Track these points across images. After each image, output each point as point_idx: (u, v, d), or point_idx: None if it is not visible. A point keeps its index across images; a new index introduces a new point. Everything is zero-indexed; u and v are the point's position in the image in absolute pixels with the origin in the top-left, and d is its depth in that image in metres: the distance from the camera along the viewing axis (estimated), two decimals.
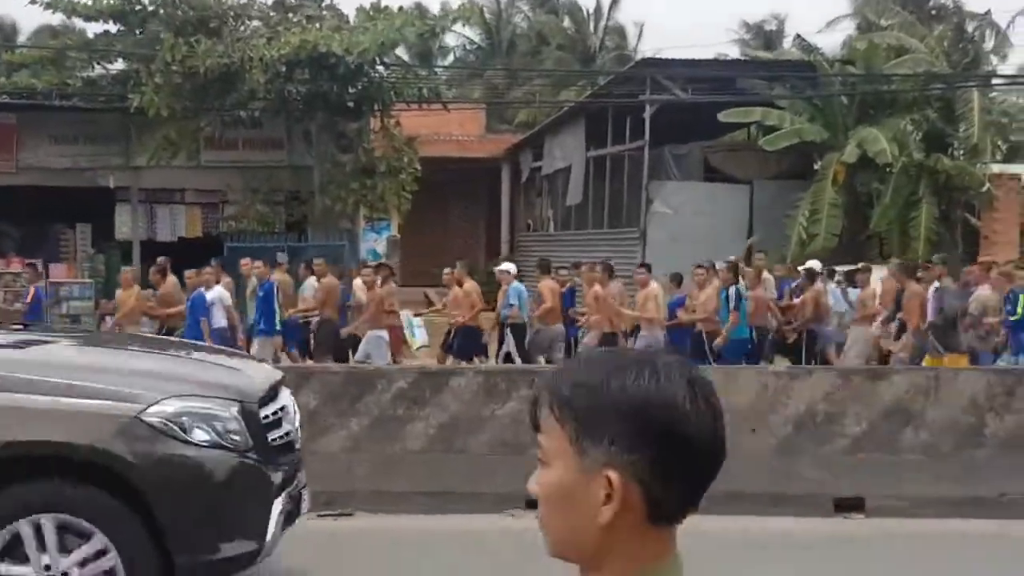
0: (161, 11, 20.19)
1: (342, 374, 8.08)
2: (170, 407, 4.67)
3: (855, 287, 14.50)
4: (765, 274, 15.13)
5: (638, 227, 21.84)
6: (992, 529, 6.90)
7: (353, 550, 6.70)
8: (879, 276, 14.76)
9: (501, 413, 7.58)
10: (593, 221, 24.70)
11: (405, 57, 30.34)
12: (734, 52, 35.88)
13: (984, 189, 20.84)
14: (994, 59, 26.17)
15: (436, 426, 7.58)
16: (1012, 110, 22.74)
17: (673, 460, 1.31)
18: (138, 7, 20.35)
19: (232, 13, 20.90)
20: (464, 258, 17.08)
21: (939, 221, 20.74)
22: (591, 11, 40.58)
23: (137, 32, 20.62)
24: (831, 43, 30.97)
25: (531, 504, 5.31)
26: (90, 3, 20.30)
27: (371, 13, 20.49)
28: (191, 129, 20.95)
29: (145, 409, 4.60)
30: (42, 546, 4.58)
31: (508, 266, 14.55)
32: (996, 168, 22.30)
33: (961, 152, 21.74)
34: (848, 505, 7.32)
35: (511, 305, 13.85)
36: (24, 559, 4.58)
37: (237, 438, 4.83)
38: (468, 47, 40.85)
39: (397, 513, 7.22)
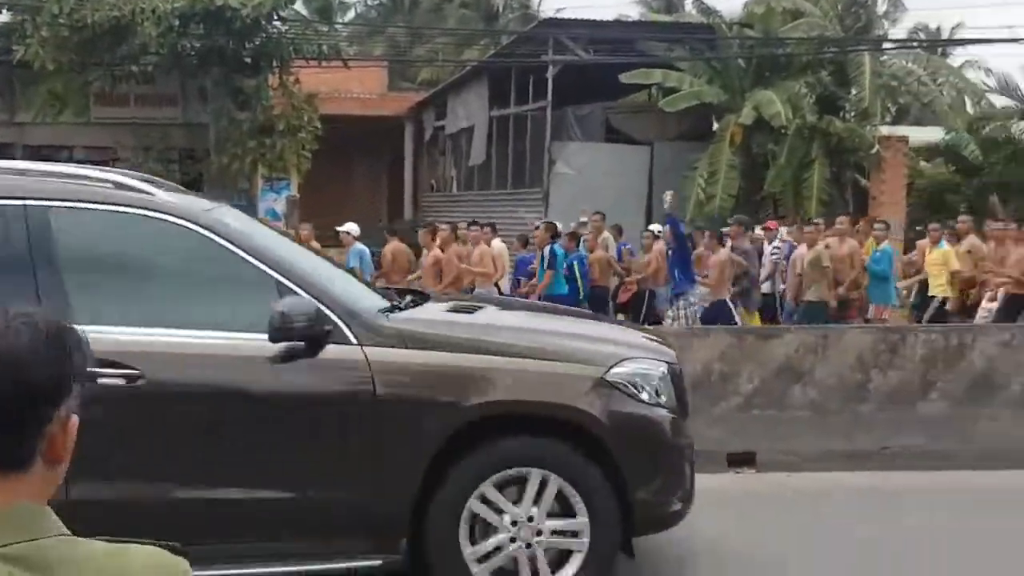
0: None
1: None
2: (625, 368, 4.81)
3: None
4: (605, 234, 15.42)
5: (541, 188, 21.93)
6: (874, 481, 7.20)
7: None
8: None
9: None
10: (496, 181, 24.71)
11: (304, 12, 29.76)
12: (635, 14, 36.01)
13: (873, 151, 21.46)
14: (886, 23, 26.85)
15: None
16: (900, 73, 23.38)
17: None
18: None
19: None
20: (365, 217, 16.96)
21: (830, 182, 21.32)
22: None
23: None
24: (730, 7, 31.32)
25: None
26: None
27: None
28: (79, 84, 20.28)
29: (608, 370, 4.73)
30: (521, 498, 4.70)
31: (350, 227, 14.39)
32: (885, 130, 22.97)
33: (852, 115, 22.34)
34: (740, 460, 7.54)
35: (352, 267, 13.71)
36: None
37: (665, 398, 4.95)
38: (370, 3, 40.25)
39: None
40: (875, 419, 7.70)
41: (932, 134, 24.52)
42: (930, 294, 13.19)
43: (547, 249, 13.49)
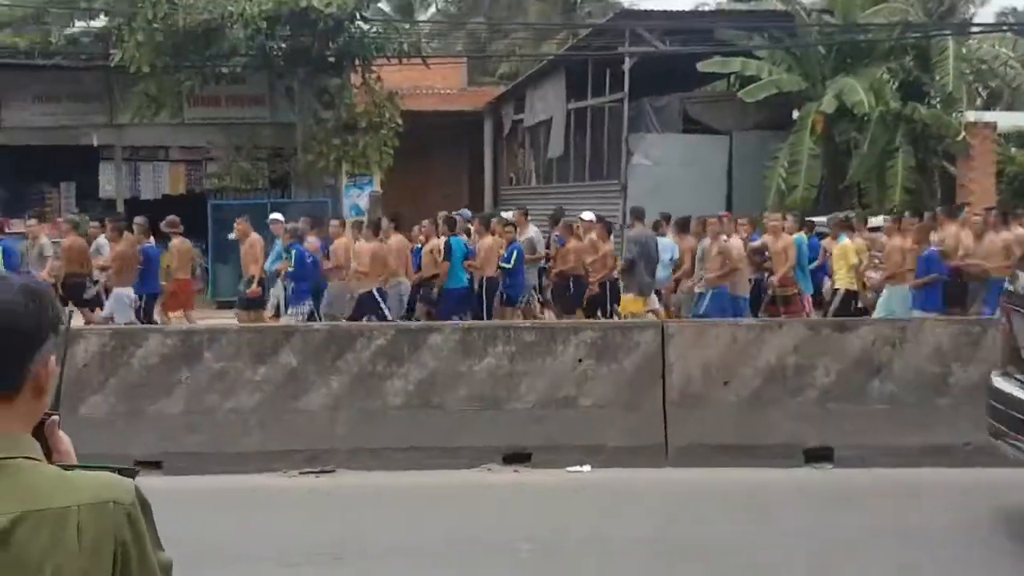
0: None
1: (324, 332, 8.24)
2: None
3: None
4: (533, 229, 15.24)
5: (619, 179, 21.94)
6: (956, 477, 7.14)
7: (335, 506, 6.90)
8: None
9: (478, 369, 7.75)
10: (575, 173, 24.79)
11: (386, 10, 30.18)
12: (712, 3, 35.68)
13: (960, 138, 21.00)
14: (972, 7, 26.20)
15: (415, 382, 7.75)
16: (988, 57, 22.80)
17: None
18: None
19: None
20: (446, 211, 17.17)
21: (915, 170, 20.92)
22: None
23: None
24: None
25: (507, 459, 5.60)
26: None
27: None
28: (173, 85, 20.92)
29: None
30: None
31: (277, 216, 14.53)
32: (972, 116, 22.45)
33: (937, 101, 21.87)
34: (817, 455, 7.55)
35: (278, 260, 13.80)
36: None
37: None
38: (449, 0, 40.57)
39: (377, 469, 7.42)
40: (956, 414, 7.62)
41: (1023, 119, 23.89)
42: (835, 287, 13.59)
43: (442, 241, 13.82)
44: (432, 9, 39.87)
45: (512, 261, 13.67)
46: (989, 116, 23.29)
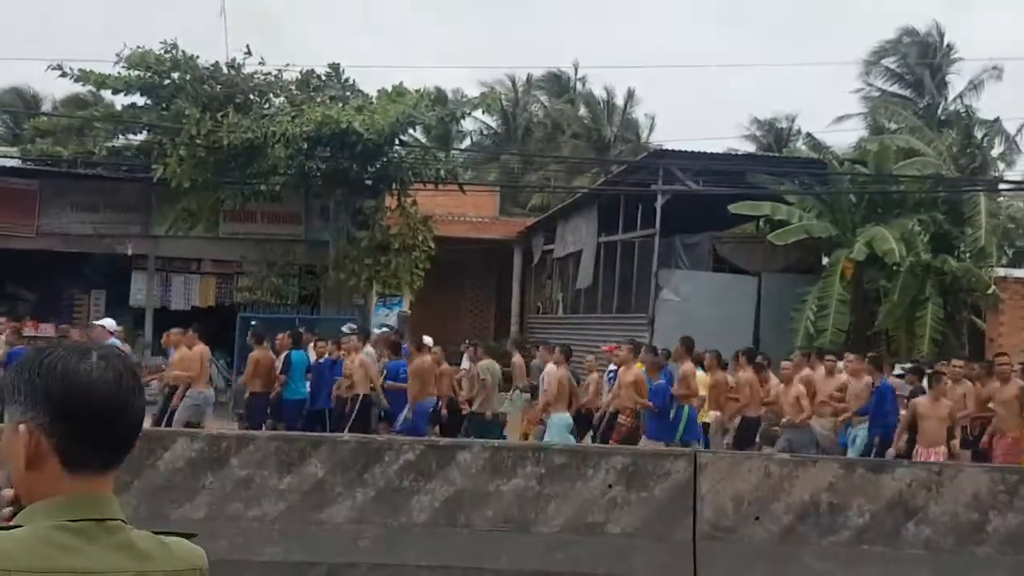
0: (189, 87, 20.69)
1: (352, 443, 8.18)
2: None
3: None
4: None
5: (647, 313, 22.02)
6: None
7: None
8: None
9: (506, 489, 7.66)
10: (602, 305, 24.90)
11: (423, 139, 30.94)
12: (745, 148, 36.46)
13: (990, 292, 21.04)
14: (1001, 165, 26.60)
15: (441, 500, 7.65)
16: (1019, 215, 23.03)
17: (72, 418, 1.62)
18: (167, 82, 20.86)
19: (258, 90, 21.43)
20: (474, 336, 17.27)
21: (944, 321, 20.89)
22: (606, 101, 41.35)
23: (164, 106, 21.11)
24: (839, 142, 31.53)
25: None
26: (120, 76, 20.83)
27: (393, 96, 20.97)
28: (211, 201, 21.33)
29: None
30: None
31: (106, 322, 14.86)
32: (1002, 271, 22.53)
33: (967, 254, 22.00)
34: None
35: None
36: None
37: None
38: (485, 132, 41.58)
39: None
40: (993, 562, 7.44)
41: None
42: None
43: (284, 355, 14.55)
44: (468, 141, 40.87)
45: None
46: (1019, 272, 23.36)
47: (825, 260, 22.49)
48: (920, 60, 31.08)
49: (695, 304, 21.37)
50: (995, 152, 26.30)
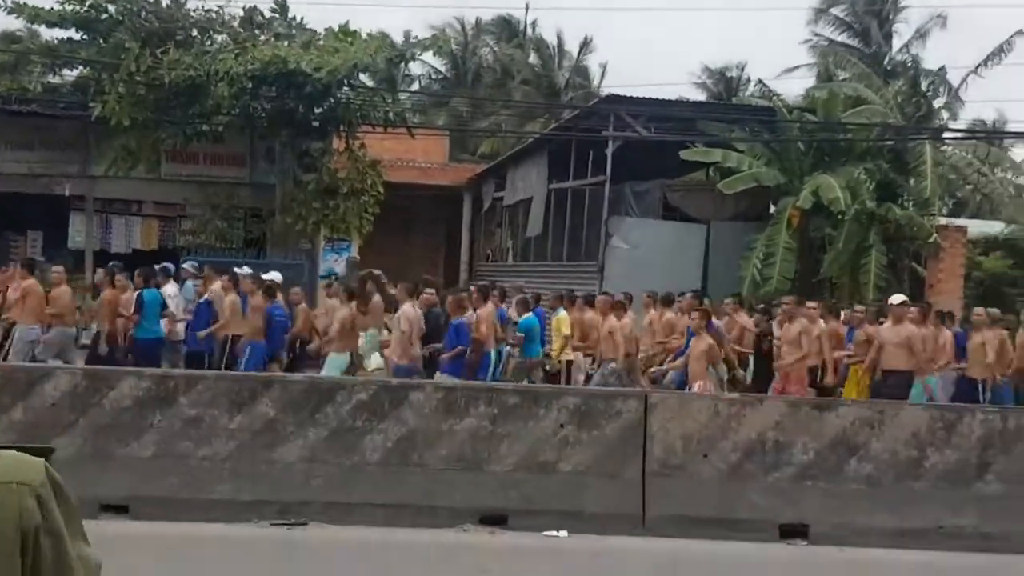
0: (127, 21, 20.13)
1: (303, 384, 8.16)
2: None
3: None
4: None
5: (596, 261, 22.10)
6: (927, 559, 7.13)
7: (305, 560, 6.76)
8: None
9: (459, 428, 7.70)
10: (552, 253, 24.94)
11: (370, 83, 30.53)
12: (696, 96, 36.49)
13: (931, 240, 21.41)
14: (945, 115, 26.93)
15: (394, 439, 7.67)
16: (960, 164, 23.39)
17: None
18: (104, 16, 20.28)
19: (199, 26, 20.94)
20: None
21: (887, 268, 21.25)
22: (556, 48, 41.10)
23: (101, 41, 20.55)
24: (790, 91, 31.70)
25: (484, 520, 5.56)
26: (55, 9, 20.21)
27: (340, 35, 20.63)
28: (152, 140, 20.90)
29: None
30: None
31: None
32: (943, 220, 22.93)
33: (911, 203, 22.34)
34: (792, 531, 7.52)
35: None
36: None
37: None
38: (433, 76, 41.15)
39: (351, 524, 7.29)
40: (929, 497, 7.65)
41: (991, 227, 24.40)
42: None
43: (137, 294, 13.94)
44: (416, 86, 40.45)
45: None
46: (960, 221, 23.80)
47: (773, 208, 22.70)
48: (868, 8, 31.25)
49: (645, 252, 21.49)
50: (939, 102, 26.62)
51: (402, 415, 7.74)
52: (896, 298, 13.93)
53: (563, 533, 7.30)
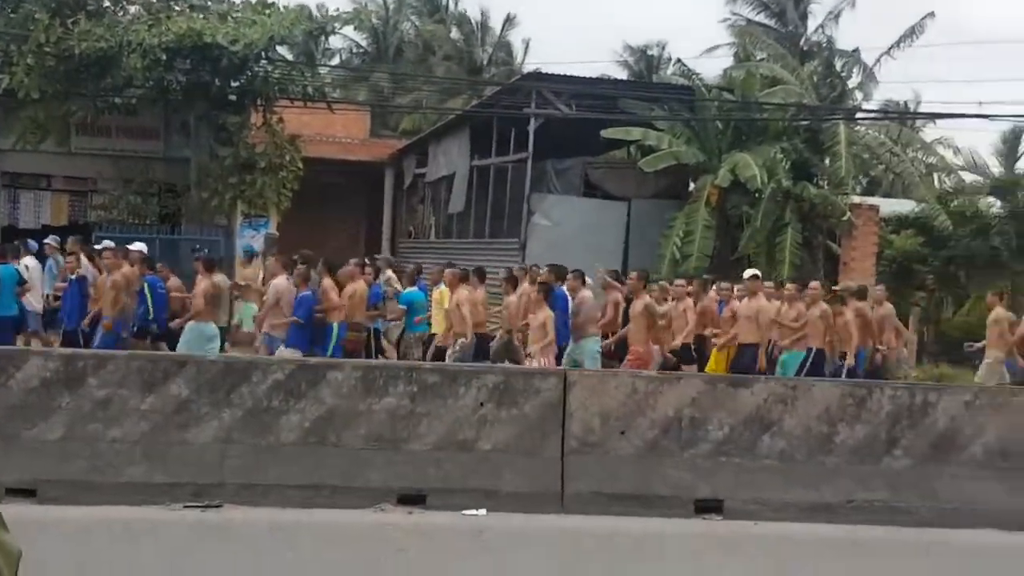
0: None
1: (219, 364, 8.01)
2: None
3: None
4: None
5: (518, 238, 22.12)
6: (839, 533, 7.30)
7: (219, 543, 6.66)
8: None
9: (378, 408, 7.64)
10: (474, 230, 24.89)
11: (289, 56, 30.05)
12: (618, 74, 36.63)
13: (845, 218, 21.85)
14: (859, 95, 27.46)
15: (312, 419, 7.59)
16: (873, 144, 23.88)
17: None
18: None
19: None
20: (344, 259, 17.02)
21: (802, 246, 21.64)
22: (479, 24, 40.91)
23: (10, 12, 19.86)
24: (709, 70, 31.98)
25: (403, 500, 5.52)
26: None
27: (257, 7, 20.23)
28: (62, 113, 20.30)
29: None
30: None
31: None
32: (856, 199, 23.41)
33: (825, 182, 22.77)
34: (708, 507, 7.63)
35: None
36: None
37: None
38: (354, 51, 40.65)
39: (268, 506, 7.20)
40: (840, 472, 7.82)
41: (902, 205, 24.99)
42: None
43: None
44: (336, 60, 39.92)
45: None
46: (872, 200, 24.31)
47: (692, 186, 22.93)
48: None
49: (566, 229, 21.56)
50: (853, 82, 27.13)
51: (320, 394, 7.66)
52: (748, 273, 14.29)
53: (482, 512, 7.30)
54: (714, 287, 15.54)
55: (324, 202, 26.49)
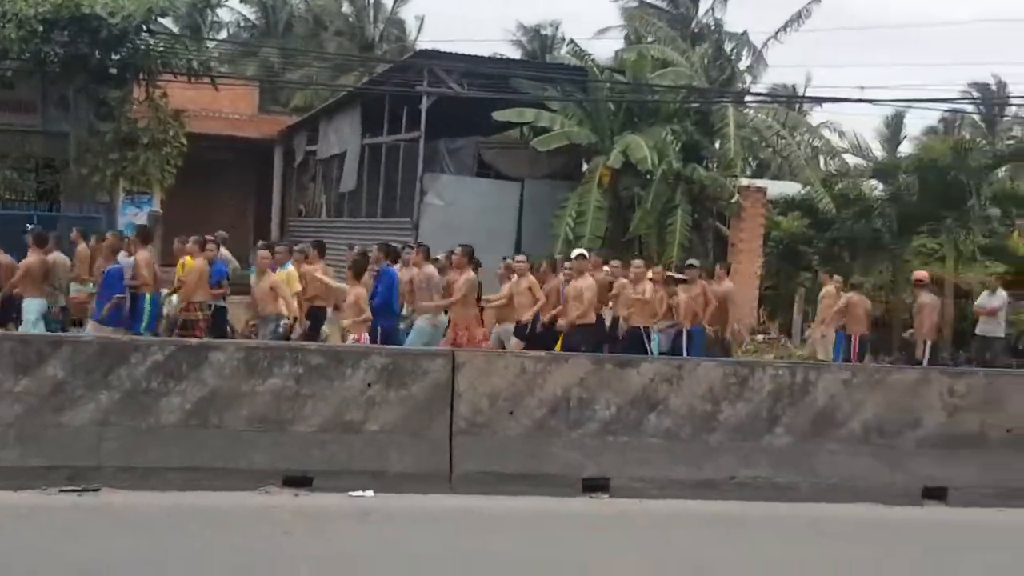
0: None
1: (95, 345, 7.74)
2: None
3: None
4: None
5: (411, 217, 21.98)
6: (722, 509, 7.45)
7: (97, 527, 6.45)
8: None
9: (262, 389, 7.49)
10: (367, 209, 24.65)
11: (175, 29, 29.21)
12: (511, 53, 36.60)
13: (733, 200, 22.29)
14: (748, 78, 27.99)
15: (193, 401, 7.40)
16: (761, 127, 24.37)
17: None
18: None
19: None
20: (231, 238, 16.64)
21: (692, 228, 22.01)
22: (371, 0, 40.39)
23: None
24: (602, 52, 32.20)
25: (288, 482, 5.42)
26: None
27: None
28: None
29: None
30: None
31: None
32: (745, 181, 23.89)
33: (715, 164, 23.18)
34: (595, 485, 7.69)
35: None
36: None
37: None
38: (242, 24, 39.72)
39: (148, 489, 7.01)
40: (724, 449, 7.97)
41: (789, 188, 25.60)
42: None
43: None
44: (223, 34, 38.96)
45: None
46: (760, 182, 24.83)
47: (585, 167, 23.09)
48: None
49: (459, 209, 21.51)
50: (743, 65, 27.63)
51: (201, 376, 7.47)
52: (575, 252, 14.52)
53: (369, 493, 7.24)
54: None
55: (211, 179, 25.89)
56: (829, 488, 7.86)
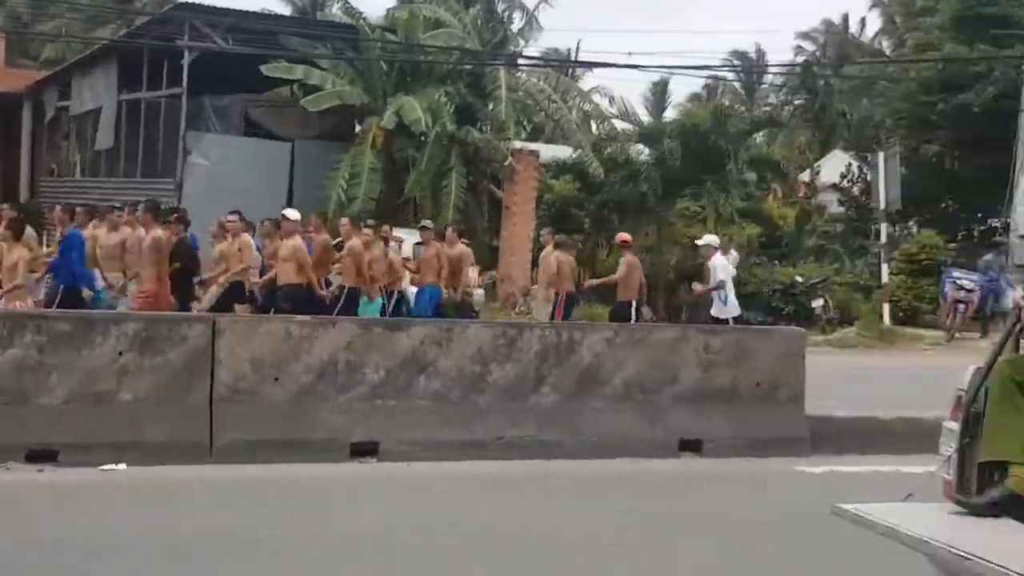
0: None
1: None
2: None
3: None
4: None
5: (174, 178, 21.01)
6: (490, 470, 7.50)
7: None
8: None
9: (2, 360, 6.96)
10: (126, 168, 23.40)
11: None
12: (281, 9, 35.44)
13: (506, 163, 22.52)
14: (522, 41, 28.25)
15: None
16: (534, 91, 24.68)
17: None
18: None
19: None
20: None
21: (467, 190, 22.11)
22: None
23: None
24: (374, 10, 31.72)
25: (31, 457, 4.98)
26: None
27: None
28: None
29: None
30: None
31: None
32: (518, 144, 24.16)
33: (488, 127, 23.33)
34: (363, 450, 7.59)
35: None
36: None
37: None
38: None
39: None
40: (492, 410, 8.03)
41: (561, 152, 26.11)
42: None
43: None
44: None
45: None
46: (533, 146, 25.16)
47: (359, 128, 22.74)
48: None
49: (227, 169, 20.76)
50: (515, 28, 27.83)
51: None
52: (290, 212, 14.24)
53: (121, 466, 6.87)
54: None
55: None
56: (593, 445, 8.06)
